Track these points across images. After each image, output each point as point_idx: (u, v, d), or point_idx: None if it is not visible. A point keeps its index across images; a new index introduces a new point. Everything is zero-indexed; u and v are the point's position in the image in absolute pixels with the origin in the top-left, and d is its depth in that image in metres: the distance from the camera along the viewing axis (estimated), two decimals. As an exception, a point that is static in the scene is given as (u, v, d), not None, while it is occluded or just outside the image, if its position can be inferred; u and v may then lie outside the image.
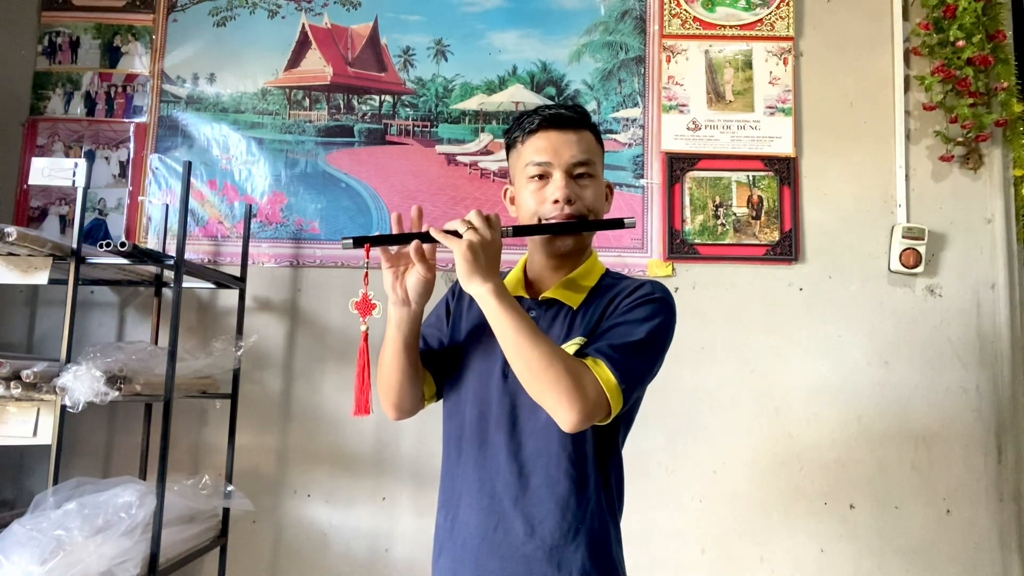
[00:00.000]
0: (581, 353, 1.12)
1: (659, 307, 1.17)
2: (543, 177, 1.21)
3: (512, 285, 1.27)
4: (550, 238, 1.21)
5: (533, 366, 1.05)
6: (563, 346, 1.15)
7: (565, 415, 1.04)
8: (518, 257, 1.33)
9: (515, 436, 1.17)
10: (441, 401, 1.31)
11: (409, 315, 1.16)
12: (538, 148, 1.21)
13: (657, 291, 1.19)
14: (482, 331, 1.17)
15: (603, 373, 1.07)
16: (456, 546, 1.19)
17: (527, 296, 1.25)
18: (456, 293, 1.33)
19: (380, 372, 1.23)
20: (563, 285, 1.23)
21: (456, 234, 1.08)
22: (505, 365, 1.13)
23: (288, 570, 2.25)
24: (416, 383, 1.23)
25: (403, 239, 1.12)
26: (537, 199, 1.21)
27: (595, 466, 1.16)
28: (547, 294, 1.23)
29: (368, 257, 1.12)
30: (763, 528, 2.25)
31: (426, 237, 1.10)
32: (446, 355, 1.28)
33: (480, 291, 1.07)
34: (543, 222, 1.20)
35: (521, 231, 1.18)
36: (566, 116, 1.22)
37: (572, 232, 1.21)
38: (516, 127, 1.26)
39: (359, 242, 1.11)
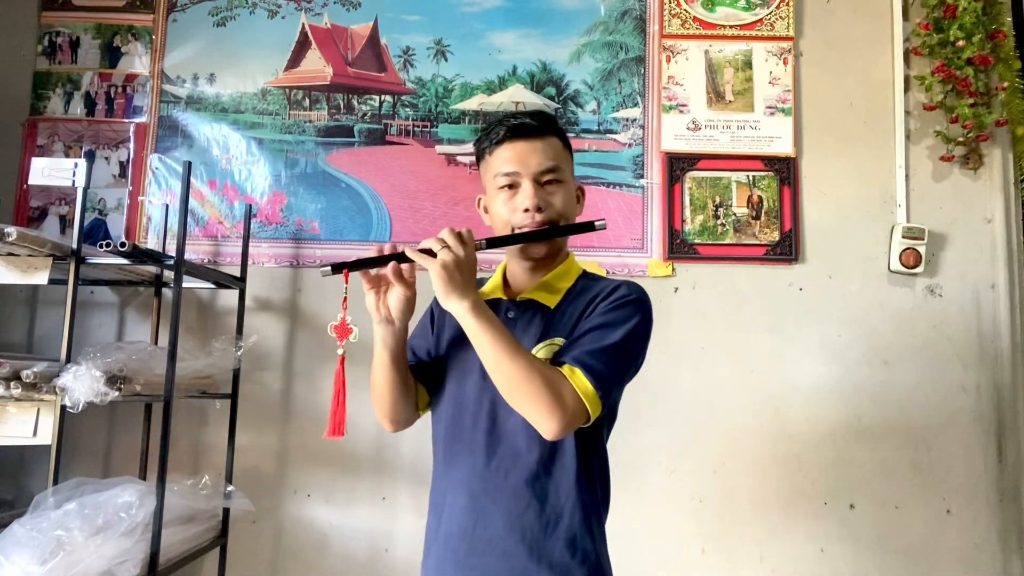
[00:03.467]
0: (558, 360, 1.14)
1: (635, 308, 1.19)
2: (513, 187, 1.23)
3: (492, 288, 1.30)
4: (524, 246, 1.24)
5: (513, 380, 1.08)
6: (541, 345, 1.18)
7: (545, 425, 1.07)
8: (500, 259, 1.35)
9: (495, 434, 1.19)
10: None
11: (394, 332, 1.20)
12: (505, 159, 1.23)
13: (633, 292, 1.22)
14: (462, 337, 1.19)
15: (580, 382, 1.09)
16: (440, 545, 1.21)
17: (505, 297, 1.28)
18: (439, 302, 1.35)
19: (372, 388, 1.26)
20: (540, 286, 1.26)
21: (431, 253, 1.10)
22: (483, 366, 1.15)
23: (288, 570, 2.25)
24: (408, 396, 1.26)
25: (380, 261, 1.14)
26: (508, 208, 1.23)
27: (576, 461, 1.18)
28: (524, 295, 1.26)
29: (347, 282, 1.15)
30: (763, 528, 2.25)
31: (402, 258, 1.13)
32: (435, 365, 1.31)
33: (458, 308, 1.10)
34: (516, 230, 1.23)
35: (495, 243, 1.20)
36: (530, 125, 1.24)
37: (543, 239, 1.23)
38: (484, 138, 1.28)
39: (337, 268, 1.14)
